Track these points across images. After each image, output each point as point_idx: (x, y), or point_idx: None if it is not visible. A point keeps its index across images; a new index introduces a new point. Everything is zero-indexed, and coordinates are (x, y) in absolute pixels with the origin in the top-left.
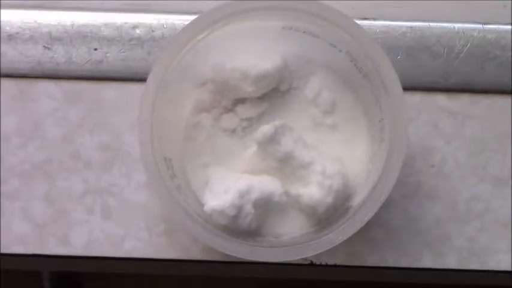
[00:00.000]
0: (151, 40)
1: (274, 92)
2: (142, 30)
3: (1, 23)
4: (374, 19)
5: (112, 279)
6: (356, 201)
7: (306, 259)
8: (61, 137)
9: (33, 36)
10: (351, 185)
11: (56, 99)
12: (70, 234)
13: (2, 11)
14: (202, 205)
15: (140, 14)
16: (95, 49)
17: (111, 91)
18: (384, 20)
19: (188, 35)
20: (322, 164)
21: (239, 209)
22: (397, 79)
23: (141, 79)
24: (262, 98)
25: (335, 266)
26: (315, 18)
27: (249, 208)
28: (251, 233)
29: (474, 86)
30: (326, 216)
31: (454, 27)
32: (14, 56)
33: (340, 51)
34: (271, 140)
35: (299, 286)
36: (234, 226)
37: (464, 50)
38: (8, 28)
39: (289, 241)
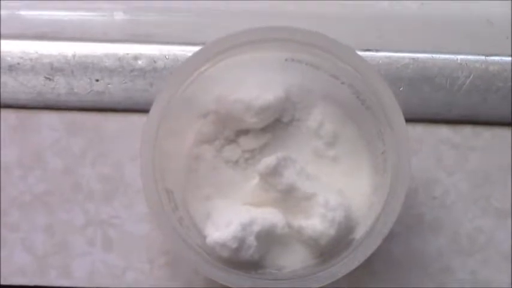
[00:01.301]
0: (153, 71)
1: (276, 123)
2: (144, 61)
3: (2, 53)
4: (376, 50)
5: None
6: (359, 233)
7: None
8: (62, 168)
9: (34, 66)
10: (354, 217)
11: (57, 130)
12: (71, 266)
13: (2, 41)
14: (204, 237)
15: (142, 44)
16: (97, 80)
17: (112, 122)
18: (387, 51)
19: (191, 66)
20: (325, 196)
21: (241, 241)
22: (400, 111)
23: (143, 110)
24: (264, 130)
25: None
26: (317, 50)
27: (251, 240)
28: (253, 265)
29: (477, 117)
30: (329, 249)
31: (457, 59)
32: (15, 87)
33: (343, 83)
34: (274, 171)
35: None
36: (236, 258)
37: (467, 82)
38: (9, 59)
39: (292, 274)
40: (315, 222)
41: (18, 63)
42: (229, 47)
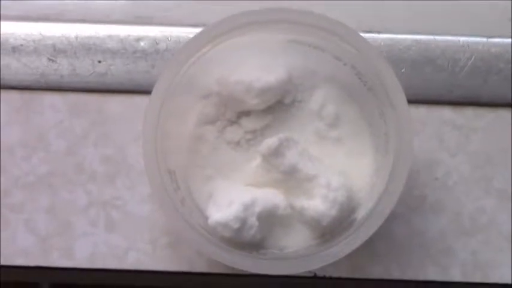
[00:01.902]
0: (155, 53)
1: (278, 104)
2: (146, 43)
3: (5, 35)
4: (379, 32)
5: None
6: (360, 214)
7: (310, 271)
8: (65, 149)
9: (37, 48)
10: (356, 198)
11: (60, 111)
12: (74, 247)
13: (6, 23)
14: (206, 218)
15: (144, 26)
16: (99, 61)
17: (115, 103)
18: (389, 33)
19: (193, 48)
20: (327, 177)
21: (243, 221)
22: (402, 92)
23: (145, 91)
24: (266, 111)
25: (339, 278)
26: (320, 31)
27: (253, 221)
28: (255, 246)
29: (479, 99)
30: (330, 229)
31: (459, 41)
32: (18, 68)
33: (345, 64)
34: (276, 152)
35: None
36: (238, 239)
37: (469, 63)
38: (12, 40)
39: (294, 254)
40: (317, 203)
41: (22, 45)
42: (231, 28)
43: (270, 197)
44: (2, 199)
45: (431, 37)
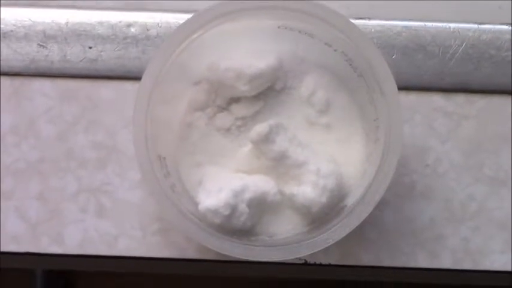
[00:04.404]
0: (146, 39)
1: (269, 91)
2: (137, 29)
3: None
4: (369, 18)
5: (105, 278)
6: (350, 201)
7: (300, 258)
8: (55, 135)
9: (27, 34)
10: (346, 185)
11: (50, 97)
12: (64, 233)
13: None
14: (196, 204)
15: (135, 12)
16: (90, 47)
17: (105, 89)
18: (379, 19)
19: (183, 33)
20: (317, 164)
21: (233, 208)
22: (392, 79)
23: (135, 78)
24: (257, 97)
25: (329, 265)
26: (310, 17)
27: (243, 207)
28: (245, 232)
29: (469, 85)
30: (320, 216)
31: (449, 27)
32: (9, 54)
33: (335, 50)
34: (266, 139)
35: (293, 285)
36: (228, 225)
37: (460, 50)
38: (2, 26)
39: (284, 240)
40: (307, 190)
41: (12, 31)
42: (221, 14)
43: (260, 183)
44: None
45: (421, 23)
